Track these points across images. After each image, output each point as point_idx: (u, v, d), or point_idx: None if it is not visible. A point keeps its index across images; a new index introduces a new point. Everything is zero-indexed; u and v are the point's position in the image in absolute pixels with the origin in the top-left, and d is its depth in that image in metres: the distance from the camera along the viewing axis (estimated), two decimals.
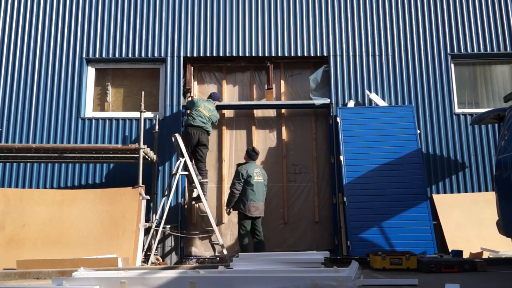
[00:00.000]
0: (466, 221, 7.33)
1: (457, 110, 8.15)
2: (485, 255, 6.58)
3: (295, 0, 8.45)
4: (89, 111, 8.27)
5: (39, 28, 8.36)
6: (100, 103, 8.41)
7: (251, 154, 7.48)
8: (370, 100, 8.05)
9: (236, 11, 8.42)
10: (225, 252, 7.16)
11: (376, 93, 8.09)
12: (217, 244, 7.28)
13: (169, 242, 7.63)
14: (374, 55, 8.27)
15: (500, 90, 8.35)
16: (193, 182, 7.27)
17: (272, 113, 8.44)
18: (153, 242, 7.09)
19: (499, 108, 6.92)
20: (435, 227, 7.16)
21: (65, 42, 8.31)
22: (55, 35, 8.34)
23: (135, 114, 7.93)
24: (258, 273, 4.59)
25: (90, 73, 8.42)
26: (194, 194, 7.46)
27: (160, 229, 7.03)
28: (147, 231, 7.20)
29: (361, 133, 7.57)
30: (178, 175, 7.25)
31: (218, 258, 7.28)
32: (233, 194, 7.25)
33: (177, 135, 7.47)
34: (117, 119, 8.05)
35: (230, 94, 8.48)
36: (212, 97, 7.87)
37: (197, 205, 7.75)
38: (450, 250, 6.81)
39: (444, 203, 7.59)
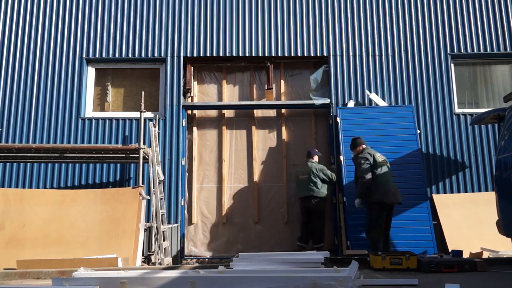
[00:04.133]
0: (466, 221, 7.33)
1: (457, 110, 8.15)
2: (485, 255, 6.58)
3: (295, 0, 8.45)
4: (89, 111, 8.27)
5: (39, 28, 8.36)
6: (100, 103, 8.41)
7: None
8: (370, 100, 8.05)
9: (236, 11, 8.42)
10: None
11: (376, 93, 8.09)
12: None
13: (169, 242, 7.62)
14: (374, 55, 8.27)
15: (500, 90, 8.35)
16: None
17: (272, 113, 8.44)
18: (153, 242, 7.09)
19: (499, 108, 6.92)
20: (435, 227, 7.16)
21: (65, 42, 8.31)
22: (55, 35, 8.34)
23: (135, 114, 7.94)
24: (258, 273, 4.59)
25: (90, 73, 8.42)
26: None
27: (157, 228, 7.03)
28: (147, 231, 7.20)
29: (361, 133, 7.53)
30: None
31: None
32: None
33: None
34: (117, 119, 8.05)
35: (230, 94, 8.48)
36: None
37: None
38: (450, 250, 6.80)
39: (444, 203, 7.59)
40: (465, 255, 6.51)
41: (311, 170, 7.43)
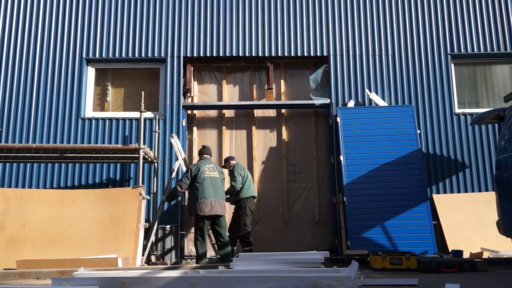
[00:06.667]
0: (466, 221, 7.33)
1: (457, 110, 8.15)
2: (485, 255, 6.58)
3: (295, 0, 8.45)
4: (89, 111, 8.27)
5: (39, 28, 8.35)
6: (100, 103, 8.41)
7: (202, 151, 7.25)
8: (370, 100, 8.05)
9: (236, 11, 8.42)
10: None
11: (376, 93, 8.09)
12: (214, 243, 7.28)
13: (169, 242, 7.62)
14: (374, 55, 8.27)
15: (500, 90, 8.35)
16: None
17: (272, 113, 8.44)
18: (152, 242, 7.08)
19: (499, 108, 6.92)
20: (435, 227, 7.16)
21: (65, 42, 8.31)
22: (55, 35, 8.34)
23: (135, 114, 7.93)
24: (258, 273, 4.59)
25: (90, 73, 8.42)
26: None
27: (155, 228, 7.03)
28: (147, 231, 7.20)
29: (361, 133, 7.56)
30: (174, 174, 7.27)
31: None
32: (176, 190, 6.97)
33: (174, 134, 7.52)
34: (117, 119, 8.05)
35: (230, 94, 8.48)
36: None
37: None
38: (450, 250, 6.81)
39: (444, 203, 7.59)
40: (465, 255, 6.51)
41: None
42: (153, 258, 7.15)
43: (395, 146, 7.43)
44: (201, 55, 8.27)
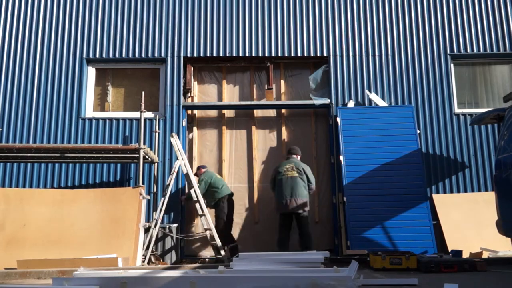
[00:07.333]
0: (466, 221, 7.34)
1: (457, 110, 8.16)
2: (485, 255, 6.59)
3: (295, 0, 8.45)
4: (89, 111, 8.28)
5: (40, 29, 8.36)
6: (100, 103, 8.42)
7: (288, 151, 7.69)
8: (370, 100, 8.05)
9: (236, 11, 8.42)
10: (222, 252, 7.14)
11: (376, 93, 8.10)
12: (215, 243, 7.29)
13: (169, 242, 7.63)
14: (374, 55, 8.27)
15: (500, 90, 8.36)
16: (191, 183, 7.27)
17: (272, 113, 8.45)
18: (151, 242, 7.09)
19: (498, 108, 6.92)
20: (435, 227, 7.17)
21: (65, 42, 8.32)
22: (55, 36, 8.34)
23: (135, 114, 7.94)
24: (258, 273, 4.60)
25: (90, 73, 8.42)
26: (194, 197, 7.38)
27: (157, 228, 7.04)
28: (147, 231, 7.21)
29: (361, 133, 7.57)
30: (174, 174, 7.28)
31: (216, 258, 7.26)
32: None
33: (174, 134, 7.53)
34: (117, 119, 8.06)
35: (230, 94, 8.49)
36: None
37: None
38: (449, 250, 6.82)
39: (444, 203, 7.60)
40: (465, 255, 6.52)
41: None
42: (153, 258, 7.16)
43: (395, 146, 7.44)
44: (201, 55, 8.28)
